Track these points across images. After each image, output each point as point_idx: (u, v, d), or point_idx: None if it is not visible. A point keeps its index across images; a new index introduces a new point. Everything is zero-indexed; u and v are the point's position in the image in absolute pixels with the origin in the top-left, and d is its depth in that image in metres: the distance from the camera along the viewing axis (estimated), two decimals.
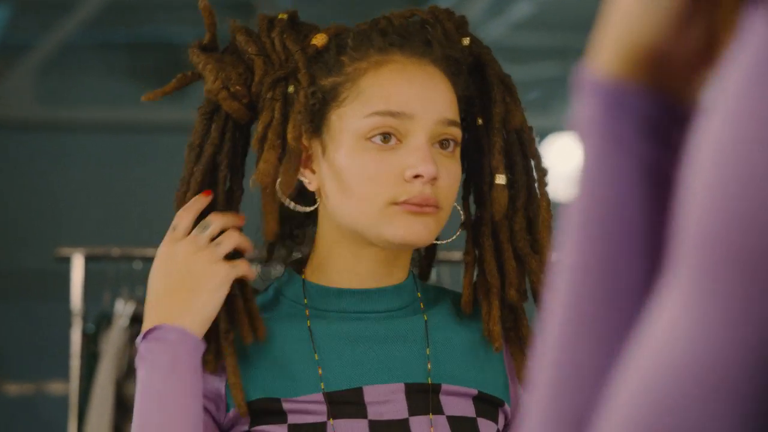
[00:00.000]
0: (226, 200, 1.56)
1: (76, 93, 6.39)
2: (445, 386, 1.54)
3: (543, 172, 1.60)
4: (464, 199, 1.63)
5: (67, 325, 3.44)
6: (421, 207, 1.49)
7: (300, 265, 1.60)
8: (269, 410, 1.50)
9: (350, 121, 1.51)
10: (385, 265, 1.56)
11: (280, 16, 1.59)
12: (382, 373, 1.53)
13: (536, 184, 1.60)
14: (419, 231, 1.49)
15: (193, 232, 1.53)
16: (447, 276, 3.61)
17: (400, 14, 1.60)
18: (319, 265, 1.58)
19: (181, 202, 1.58)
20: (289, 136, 1.51)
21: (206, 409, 1.51)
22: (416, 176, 1.48)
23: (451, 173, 1.52)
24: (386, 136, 1.50)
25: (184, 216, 1.55)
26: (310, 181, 1.55)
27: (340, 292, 1.56)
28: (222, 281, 1.50)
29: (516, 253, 1.58)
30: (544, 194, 1.60)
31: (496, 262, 1.59)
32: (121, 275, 3.53)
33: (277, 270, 1.66)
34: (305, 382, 1.51)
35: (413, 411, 1.52)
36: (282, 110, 1.53)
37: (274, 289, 1.60)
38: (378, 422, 1.50)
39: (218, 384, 1.52)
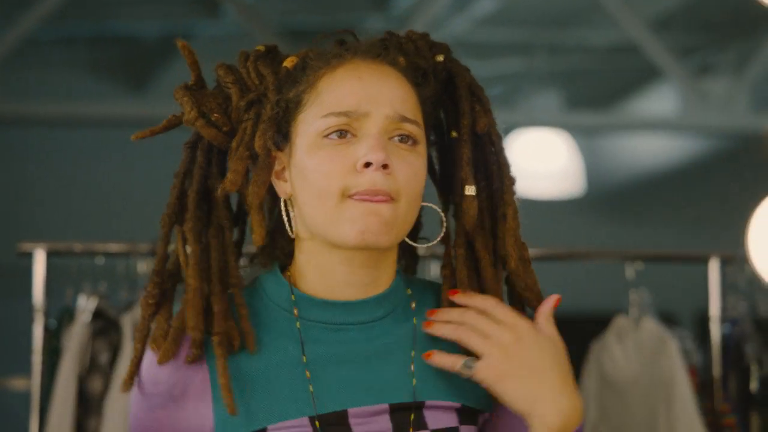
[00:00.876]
0: (230, 219, 1.61)
1: (37, 88, 6.35)
2: (429, 402, 1.55)
3: (511, 180, 1.63)
4: (445, 212, 1.65)
5: (29, 321, 3.42)
6: (372, 196, 1.51)
7: (283, 268, 1.62)
8: None
9: (309, 122, 1.55)
10: (365, 270, 1.57)
11: (257, 48, 1.64)
12: (368, 395, 1.54)
13: (504, 193, 1.63)
14: (375, 224, 1.51)
15: None
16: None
17: (376, 36, 1.64)
18: (299, 274, 1.59)
19: (168, 222, 1.60)
20: (256, 145, 1.56)
21: None
22: (366, 165, 1.51)
23: (408, 165, 1.54)
24: (342, 133, 1.53)
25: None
26: (283, 190, 1.59)
27: (325, 304, 1.57)
28: None
29: (496, 259, 1.61)
30: (511, 202, 1.63)
31: (474, 271, 1.61)
32: (84, 270, 3.51)
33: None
34: (294, 405, 1.52)
35: (398, 429, 1.54)
36: (253, 126, 1.58)
37: (260, 288, 1.61)
38: None
39: (206, 416, 1.54)
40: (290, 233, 1.59)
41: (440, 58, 1.66)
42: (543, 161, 6.49)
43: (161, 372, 1.54)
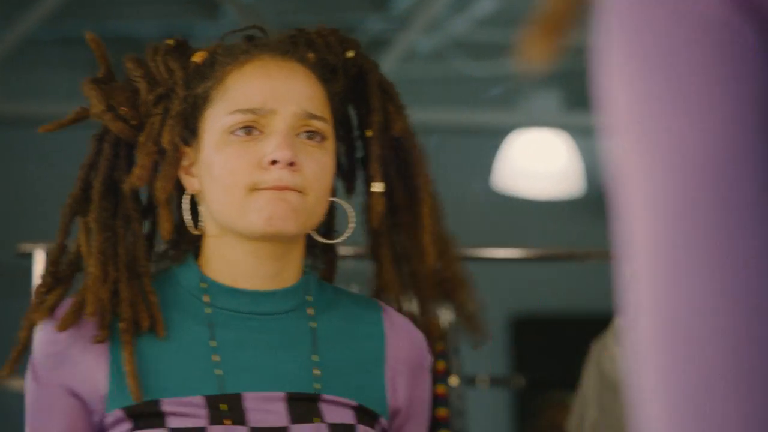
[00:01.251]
0: (138, 210, 1.63)
1: (37, 88, 6.35)
2: (326, 396, 1.57)
3: (425, 178, 1.65)
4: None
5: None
6: (280, 191, 1.53)
7: (196, 258, 1.64)
8: (147, 413, 1.53)
9: (217, 118, 1.57)
10: (272, 261, 1.59)
11: (166, 42, 1.67)
12: (266, 382, 1.56)
13: (419, 191, 1.65)
14: (282, 209, 1.53)
15: None
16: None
17: (288, 32, 1.67)
18: (210, 264, 1.61)
19: (69, 212, 1.70)
20: (164, 140, 1.58)
21: (76, 399, 1.55)
22: (273, 162, 1.53)
23: (316, 161, 1.56)
24: (248, 129, 1.56)
25: None
26: (191, 185, 1.61)
27: (234, 291, 1.59)
28: None
29: (397, 258, 1.65)
30: (427, 200, 1.65)
31: (387, 266, 1.66)
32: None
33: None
34: (193, 384, 1.54)
35: (295, 419, 1.54)
36: (161, 121, 1.61)
37: (171, 274, 1.63)
38: (259, 429, 1.53)
39: (100, 381, 1.55)
40: (192, 229, 1.60)
41: (351, 54, 1.67)
42: (543, 162, 6.48)
43: (59, 335, 1.58)
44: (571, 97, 7.17)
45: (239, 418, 1.52)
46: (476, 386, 3.54)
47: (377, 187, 1.63)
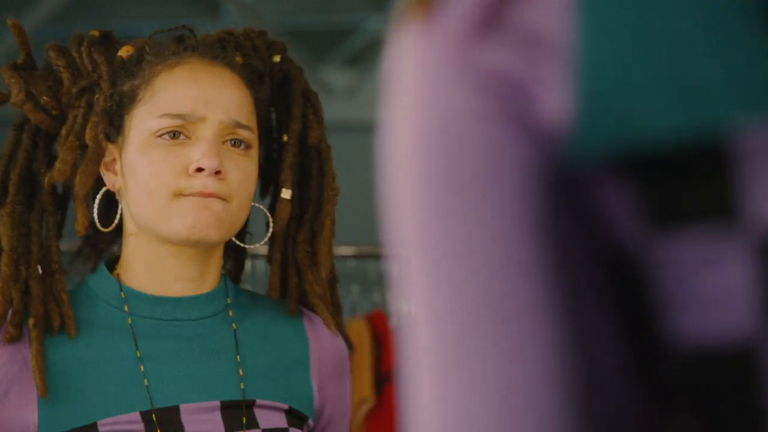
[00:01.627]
0: (54, 204, 1.60)
1: None
2: (259, 401, 1.57)
3: (333, 191, 1.65)
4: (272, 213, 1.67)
5: None
6: (205, 198, 1.52)
7: (111, 265, 1.62)
8: None
9: (143, 120, 1.56)
10: (192, 265, 1.58)
11: (91, 33, 1.64)
12: (199, 391, 1.55)
13: (325, 202, 1.65)
14: (206, 217, 1.52)
15: None
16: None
17: (215, 33, 1.65)
18: (127, 269, 1.59)
19: None
20: (87, 137, 1.56)
21: None
22: (199, 170, 1.52)
23: (241, 169, 1.56)
24: (175, 134, 1.54)
25: None
26: (112, 182, 1.59)
27: (156, 299, 1.57)
28: None
29: (297, 265, 1.64)
30: (330, 212, 1.65)
31: (293, 275, 1.65)
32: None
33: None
34: (126, 400, 1.52)
35: (229, 427, 1.54)
36: (84, 116, 1.58)
37: (87, 288, 1.61)
38: None
39: (28, 416, 1.51)
40: (102, 228, 1.58)
41: (277, 58, 1.67)
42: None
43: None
44: None
45: (177, 431, 1.52)
46: None
47: (286, 193, 1.63)
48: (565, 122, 0.55)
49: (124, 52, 1.61)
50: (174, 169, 1.52)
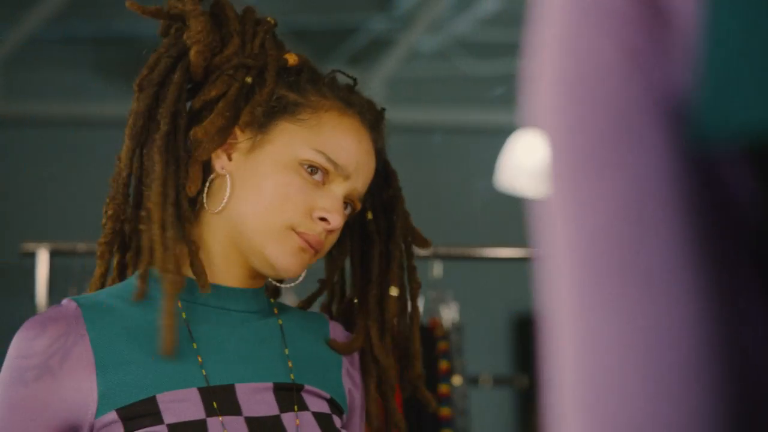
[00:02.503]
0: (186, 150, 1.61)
1: (41, 87, 6.35)
2: (307, 386, 1.62)
3: (417, 285, 1.77)
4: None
5: None
6: (310, 246, 1.57)
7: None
8: (142, 411, 1.51)
9: (296, 142, 1.59)
10: (248, 268, 1.62)
11: (268, 19, 1.69)
12: (252, 372, 1.59)
13: (412, 298, 1.77)
14: (296, 265, 1.59)
15: None
16: None
17: (347, 85, 1.71)
18: (186, 255, 1.60)
19: (135, 137, 1.61)
20: (242, 120, 1.59)
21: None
22: (323, 219, 1.57)
23: (341, 225, 1.61)
24: (314, 169, 1.58)
25: None
26: (223, 165, 1.60)
27: (211, 287, 1.60)
28: None
29: (396, 350, 1.76)
30: (416, 308, 1.77)
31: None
32: (87, 271, 3.51)
33: None
34: (183, 376, 1.54)
35: (283, 408, 1.58)
36: (238, 91, 1.61)
37: (147, 280, 1.61)
38: (254, 419, 1.55)
39: (87, 389, 1.52)
40: (192, 193, 1.59)
41: (381, 143, 1.72)
42: (544, 162, 6.48)
43: (37, 344, 1.53)
44: None
45: (234, 409, 1.54)
46: (479, 386, 3.55)
47: (394, 291, 1.74)
48: (688, 100, 0.55)
49: (291, 58, 1.66)
50: (301, 206, 1.57)
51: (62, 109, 6.18)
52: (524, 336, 6.79)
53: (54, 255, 3.43)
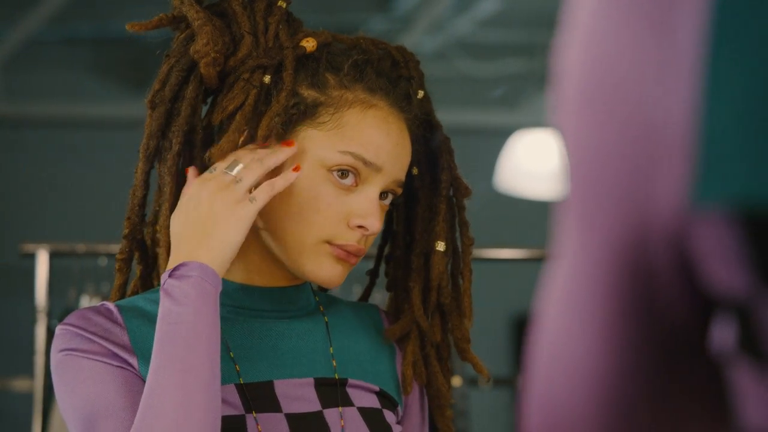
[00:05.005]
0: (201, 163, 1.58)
1: (40, 88, 6.35)
2: (351, 381, 1.58)
3: (470, 241, 1.68)
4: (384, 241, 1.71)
5: (32, 322, 3.42)
6: (349, 255, 1.53)
7: None
8: None
9: (321, 146, 1.54)
10: (288, 271, 1.59)
11: (279, 3, 1.61)
12: (292, 368, 1.56)
13: (463, 253, 1.68)
14: (336, 277, 1.54)
15: (218, 169, 1.53)
16: None
17: (372, 42, 1.62)
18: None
19: (149, 157, 1.59)
20: (260, 133, 1.53)
21: (127, 365, 1.50)
22: (360, 226, 1.53)
23: (381, 225, 1.57)
24: (345, 173, 1.53)
25: (248, 167, 1.52)
26: None
27: (242, 288, 1.58)
28: (239, 220, 1.49)
29: (441, 310, 1.66)
30: (468, 263, 1.68)
31: (423, 311, 1.66)
32: (87, 271, 3.51)
33: None
34: (221, 375, 1.51)
35: (325, 404, 1.55)
36: (256, 98, 1.54)
37: None
38: (294, 415, 1.52)
39: (135, 372, 1.51)
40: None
41: (421, 94, 1.65)
42: (545, 162, 6.48)
43: (82, 328, 1.51)
44: None
45: (273, 406, 1.52)
46: (479, 387, 3.55)
47: (441, 246, 1.65)
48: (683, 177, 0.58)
49: (308, 44, 1.58)
50: (335, 217, 1.52)
51: (62, 109, 6.18)
52: (524, 337, 6.79)
53: (54, 256, 3.43)
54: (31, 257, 3.44)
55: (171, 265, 1.48)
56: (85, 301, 3.39)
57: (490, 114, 6.37)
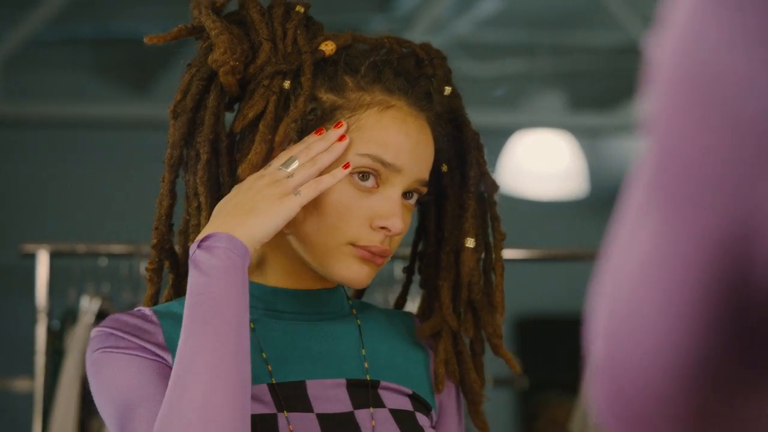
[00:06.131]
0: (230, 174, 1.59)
1: (41, 88, 6.35)
2: (383, 383, 1.58)
3: (501, 236, 1.67)
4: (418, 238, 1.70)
5: (32, 322, 3.42)
6: (374, 256, 1.53)
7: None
8: None
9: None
10: (319, 276, 1.59)
11: (297, 8, 1.61)
12: (324, 369, 1.56)
13: (495, 248, 1.67)
14: (363, 277, 1.54)
15: (273, 165, 1.53)
16: None
17: (397, 42, 1.62)
18: (255, 265, 1.60)
19: (173, 167, 1.59)
20: (277, 139, 1.54)
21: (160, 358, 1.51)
22: (383, 227, 1.53)
23: (406, 225, 1.57)
24: (365, 175, 1.53)
25: (301, 154, 1.53)
26: None
27: (275, 291, 1.59)
28: (280, 209, 1.49)
29: (472, 306, 1.65)
30: (500, 259, 1.67)
31: (453, 310, 1.65)
32: (87, 271, 3.51)
33: None
34: (253, 375, 1.51)
35: (356, 404, 1.54)
36: (276, 104, 1.55)
37: None
38: (325, 415, 1.52)
39: (166, 359, 1.52)
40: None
41: (448, 91, 1.65)
42: (546, 162, 6.48)
43: (118, 329, 1.52)
44: (575, 98, 7.17)
45: (305, 406, 1.52)
46: None
47: (470, 242, 1.63)
48: None
49: (327, 48, 1.58)
50: (357, 219, 1.53)
51: (62, 110, 6.18)
52: (525, 337, 6.79)
53: (54, 256, 3.44)
54: (32, 257, 3.44)
55: (201, 236, 1.48)
56: (85, 302, 3.39)
57: (491, 114, 6.36)
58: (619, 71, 6.90)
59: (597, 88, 7.27)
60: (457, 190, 1.66)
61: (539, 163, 6.45)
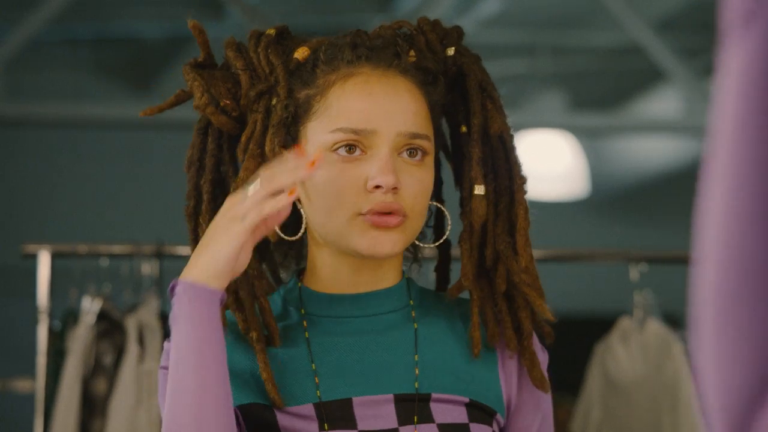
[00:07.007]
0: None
1: (42, 89, 6.36)
2: (435, 395, 1.56)
3: (522, 180, 1.64)
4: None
5: (34, 322, 3.42)
6: (382, 216, 1.52)
7: (301, 272, 1.64)
8: (262, 418, 1.53)
9: (317, 133, 1.55)
10: (371, 270, 1.59)
11: (268, 32, 1.63)
12: (372, 384, 1.55)
13: (516, 192, 1.63)
14: (384, 244, 1.53)
15: (243, 188, 1.53)
16: None
17: (388, 26, 1.63)
18: (311, 272, 1.61)
19: (192, 216, 1.62)
20: (266, 148, 1.56)
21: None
22: (376, 186, 1.52)
23: (417, 180, 1.55)
24: (351, 148, 1.54)
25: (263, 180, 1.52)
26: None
27: (330, 298, 1.59)
28: (230, 238, 1.48)
29: (497, 255, 1.61)
30: (522, 201, 1.64)
31: (479, 267, 1.61)
32: (88, 272, 3.51)
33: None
34: (299, 393, 1.53)
35: (403, 421, 1.54)
36: (263, 122, 1.58)
37: (280, 296, 1.63)
38: None
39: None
40: (274, 237, 1.58)
41: (451, 51, 1.64)
42: (547, 163, 6.49)
43: None
44: (576, 99, 7.17)
45: (349, 424, 1.52)
46: None
47: (479, 189, 1.60)
48: None
49: (300, 53, 1.60)
50: (352, 188, 1.53)
51: (63, 110, 6.17)
52: None
53: (55, 256, 3.44)
54: (33, 258, 3.44)
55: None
56: (87, 302, 3.39)
57: None
58: (619, 71, 6.90)
59: (598, 88, 7.27)
60: (467, 143, 1.63)
61: (540, 164, 6.46)
